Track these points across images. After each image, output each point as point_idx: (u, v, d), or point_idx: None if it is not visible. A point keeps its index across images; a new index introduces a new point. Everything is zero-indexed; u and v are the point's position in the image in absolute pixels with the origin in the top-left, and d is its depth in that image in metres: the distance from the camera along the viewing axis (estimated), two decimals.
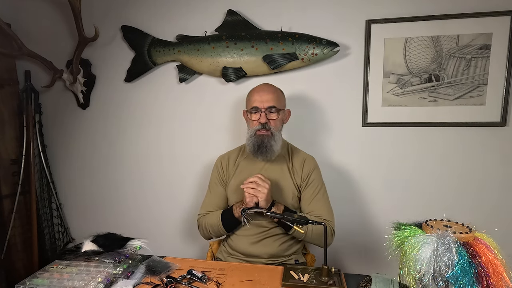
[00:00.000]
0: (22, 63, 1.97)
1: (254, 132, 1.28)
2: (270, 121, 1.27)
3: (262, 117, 1.26)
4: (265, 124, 1.26)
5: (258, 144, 1.26)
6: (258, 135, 1.27)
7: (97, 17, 1.83)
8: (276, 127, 1.29)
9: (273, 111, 1.27)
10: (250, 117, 1.31)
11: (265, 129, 1.26)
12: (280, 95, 1.34)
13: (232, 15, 1.67)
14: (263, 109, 1.26)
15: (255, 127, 1.28)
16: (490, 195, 1.58)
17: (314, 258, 1.47)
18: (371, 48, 1.58)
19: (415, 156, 1.63)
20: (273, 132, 1.27)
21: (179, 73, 1.79)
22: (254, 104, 1.28)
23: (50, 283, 0.95)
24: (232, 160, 1.41)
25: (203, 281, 1.03)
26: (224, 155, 1.46)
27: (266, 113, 1.26)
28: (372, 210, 1.71)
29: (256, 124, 1.28)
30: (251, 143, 1.28)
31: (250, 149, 1.29)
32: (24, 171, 1.91)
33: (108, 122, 1.95)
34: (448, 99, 1.55)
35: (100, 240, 1.14)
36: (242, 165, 1.38)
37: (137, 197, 1.98)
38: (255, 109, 1.28)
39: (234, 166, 1.39)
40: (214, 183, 1.42)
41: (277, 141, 1.27)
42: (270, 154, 1.27)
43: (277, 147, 1.27)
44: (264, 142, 1.26)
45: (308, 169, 1.33)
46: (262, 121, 1.26)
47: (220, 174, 1.40)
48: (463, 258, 0.72)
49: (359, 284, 1.02)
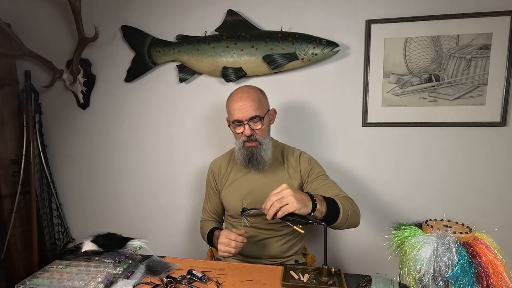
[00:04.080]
0: (22, 63, 1.97)
1: (243, 144, 1.23)
2: (256, 131, 1.21)
3: (247, 130, 1.20)
4: (251, 136, 1.21)
5: (248, 157, 1.22)
6: (247, 146, 1.22)
7: (97, 17, 1.83)
8: (262, 135, 1.23)
9: (256, 121, 1.20)
10: (234, 130, 1.25)
11: (252, 141, 1.21)
12: (261, 99, 1.23)
13: (232, 15, 1.67)
14: (245, 121, 1.19)
15: (242, 139, 1.23)
16: (490, 195, 1.58)
17: (314, 258, 1.47)
18: (371, 48, 1.58)
19: (415, 156, 1.63)
20: (260, 141, 1.21)
21: (179, 73, 1.79)
22: (234, 117, 1.20)
23: (50, 283, 0.95)
24: (223, 167, 1.38)
25: (203, 281, 1.03)
26: (215, 161, 1.42)
27: (250, 124, 1.20)
28: (372, 210, 1.71)
29: (242, 136, 1.22)
30: (241, 157, 1.24)
31: (241, 163, 1.25)
32: (24, 171, 1.91)
33: (108, 122, 1.95)
34: (448, 99, 1.55)
35: (100, 240, 1.14)
36: (233, 173, 1.36)
37: (137, 197, 1.98)
38: (237, 122, 1.21)
39: (226, 173, 1.37)
40: (208, 190, 1.43)
41: (266, 150, 1.23)
42: (261, 165, 1.23)
43: (267, 156, 1.23)
44: (254, 154, 1.21)
45: (305, 166, 1.29)
46: (247, 133, 1.20)
47: (211, 183, 1.40)
48: (463, 258, 0.72)
49: (359, 284, 1.02)
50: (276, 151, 1.32)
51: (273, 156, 1.28)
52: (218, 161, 1.42)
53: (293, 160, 1.32)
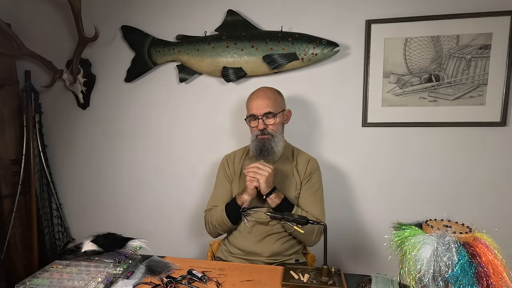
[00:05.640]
0: (22, 63, 1.97)
1: (256, 137, 1.34)
2: (268, 126, 1.33)
3: (260, 124, 1.32)
4: (264, 130, 1.32)
5: (260, 148, 1.32)
6: (260, 139, 1.33)
7: (97, 17, 1.83)
8: (275, 130, 1.33)
9: (269, 117, 1.32)
10: (249, 124, 1.38)
11: (265, 134, 1.32)
12: (277, 98, 1.36)
13: (232, 15, 1.67)
14: (260, 116, 1.32)
15: (255, 132, 1.34)
16: (490, 195, 1.58)
17: (314, 258, 1.48)
18: (371, 48, 1.58)
19: (415, 156, 1.63)
20: (273, 134, 1.32)
21: (179, 73, 1.79)
22: (251, 112, 1.34)
23: (50, 283, 0.95)
24: (237, 159, 1.45)
25: (203, 281, 1.03)
26: (229, 154, 1.50)
27: (263, 119, 1.32)
28: (372, 210, 1.71)
29: (256, 130, 1.34)
30: (254, 147, 1.34)
31: (253, 152, 1.35)
32: (24, 171, 1.91)
33: (108, 122, 1.95)
34: (448, 99, 1.55)
35: (100, 240, 1.14)
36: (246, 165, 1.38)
37: (137, 197, 1.98)
38: (252, 116, 1.34)
39: (239, 165, 1.43)
40: (221, 180, 1.45)
41: (277, 142, 1.32)
42: (272, 156, 1.32)
43: (278, 148, 1.32)
44: (265, 145, 1.31)
45: (311, 168, 1.38)
46: (260, 127, 1.32)
47: (226, 171, 1.44)
48: (463, 258, 0.72)
49: (359, 284, 1.02)
50: (287, 150, 1.41)
51: (284, 154, 1.38)
52: (232, 153, 1.50)
53: (302, 161, 1.40)
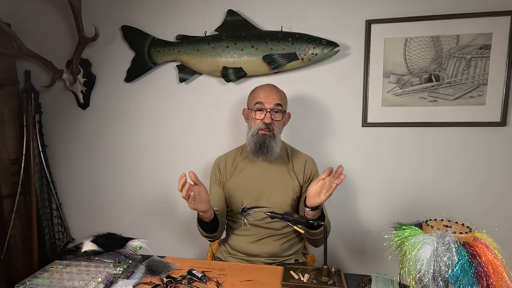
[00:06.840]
0: (22, 63, 1.97)
1: (257, 131, 1.25)
2: (274, 122, 1.26)
3: (267, 117, 1.24)
4: (269, 125, 1.24)
5: (260, 144, 1.24)
6: (261, 134, 1.25)
7: (97, 17, 1.83)
8: (278, 128, 1.29)
9: (278, 111, 1.26)
10: (254, 115, 1.28)
11: (268, 129, 1.24)
12: (284, 97, 1.33)
13: (232, 15, 1.67)
14: (269, 109, 1.25)
15: (258, 126, 1.25)
16: (490, 195, 1.58)
17: (314, 258, 1.48)
18: (371, 48, 1.58)
19: (415, 156, 1.63)
20: (275, 133, 1.25)
21: (179, 73, 1.79)
22: (258, 99, 1.26)
23: (50, 283, 0.95)
24: (229, 161, 1.40)
25: (203, 281, 1.03)
26: (221, 156, 1.45)
27: (271, 113, 1.25)
28: (372, 210, 1.71)
29: (260, 123, 1.26)
30: (253, 142, 1.26)
31: (251, 148, 1.27)
32: (24, 171, 1.91)
33: (108, 122, 1.95)
34: (448, 99, 1.55)
35: (100, 240, 1.14)
36: (241, 165, 1.38)
37: (137, 197, 1.98)
38: (260, 104, 1.25)
39: (232, 167, 1.39)
40: (212, 184, 1.42)
41: (277, 142, 1.27)
42: (270, 155, 1.26)
43: (277, 148, 1.27)
44: (266, 141, 1.24)
45: (310, 170, 1.37)
46: (267, 121, 1.24)
47: (217, 176, 1.40)
48: (463, 258, 0.72)
49: (359, 284, 1.02)
50: (282, 150, 1.36)
51: (280, 154, 1.31)
52: (224, 156, 1.44)
53: (298, 162, 1.37)
